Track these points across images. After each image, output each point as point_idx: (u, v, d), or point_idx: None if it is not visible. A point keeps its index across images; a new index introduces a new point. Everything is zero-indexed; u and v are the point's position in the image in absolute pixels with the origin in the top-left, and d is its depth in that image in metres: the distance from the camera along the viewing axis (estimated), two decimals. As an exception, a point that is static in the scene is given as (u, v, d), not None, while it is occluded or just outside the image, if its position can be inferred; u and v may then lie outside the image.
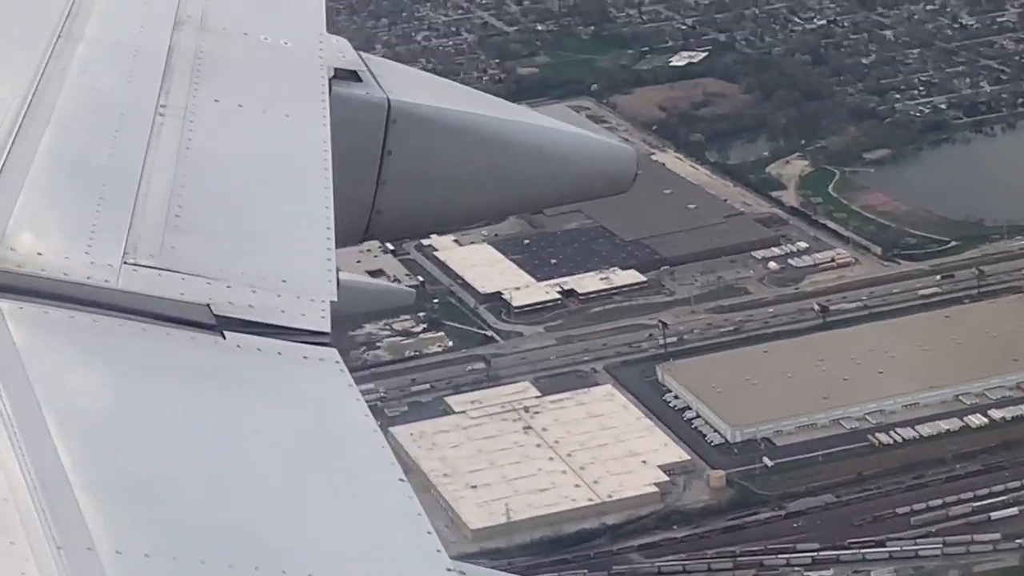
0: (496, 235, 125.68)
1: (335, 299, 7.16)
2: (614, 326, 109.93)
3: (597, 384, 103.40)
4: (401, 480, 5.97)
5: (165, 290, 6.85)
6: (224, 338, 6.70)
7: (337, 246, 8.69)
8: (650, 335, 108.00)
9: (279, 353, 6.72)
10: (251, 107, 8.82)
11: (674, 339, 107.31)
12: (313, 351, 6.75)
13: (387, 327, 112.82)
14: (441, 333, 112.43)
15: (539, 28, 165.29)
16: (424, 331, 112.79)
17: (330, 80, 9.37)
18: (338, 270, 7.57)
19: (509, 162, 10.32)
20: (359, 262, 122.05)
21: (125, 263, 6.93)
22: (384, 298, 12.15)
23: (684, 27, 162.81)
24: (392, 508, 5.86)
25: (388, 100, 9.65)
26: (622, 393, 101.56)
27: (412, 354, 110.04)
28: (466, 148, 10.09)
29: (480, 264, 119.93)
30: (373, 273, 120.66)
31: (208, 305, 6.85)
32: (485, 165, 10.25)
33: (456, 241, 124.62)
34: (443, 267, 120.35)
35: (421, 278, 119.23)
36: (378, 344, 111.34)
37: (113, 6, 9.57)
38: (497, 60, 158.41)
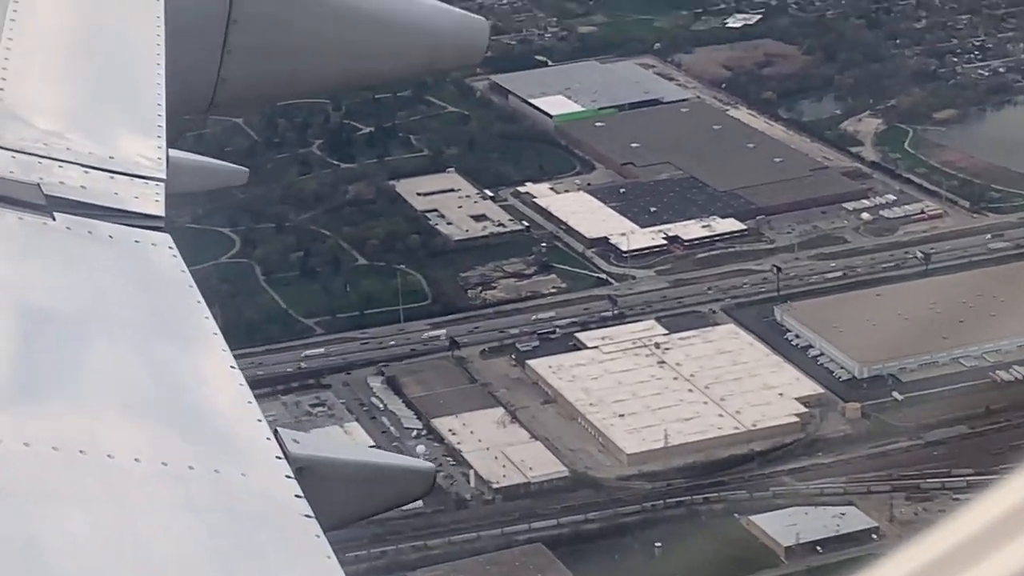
0: (589, 184, 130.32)
1: (164, 177, 7.03)
2: (723, 270, 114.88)
3: (718, 324, 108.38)
4: (232, 368, 6.06)
5: None
6: (54, 219, 6.52)
7: (183, 114, 8.92)
8: (762, 279, 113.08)
9: (110, 236, 6.53)
10: None
11: (784, 283, 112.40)
12: (146, 235, 6.62)
13: (499, 269, 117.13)
14: (553, 275, 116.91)
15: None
16: (535, 274, 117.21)
17: None
18: (168, 148, 7.44)
19: (357, 31, 10.25)
20: (460, 207, 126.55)
21: None
22: (216, 176, 11.57)
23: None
24: (222, 386, 5.97)
25: None
26: (745, 332, 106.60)
27: (528, 295, 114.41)
28: (313, 17, 10.05)
29: (581, 211, 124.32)
30: (476, 218, 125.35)
31: (38, 184, 6.67)
32: (332, 34, 10.19)
33: (552, 189, 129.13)
34: (545, 213, 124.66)
35: (526, 223, 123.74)
36: (494, 285, 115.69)
37: None
38: (555, 18, 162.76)
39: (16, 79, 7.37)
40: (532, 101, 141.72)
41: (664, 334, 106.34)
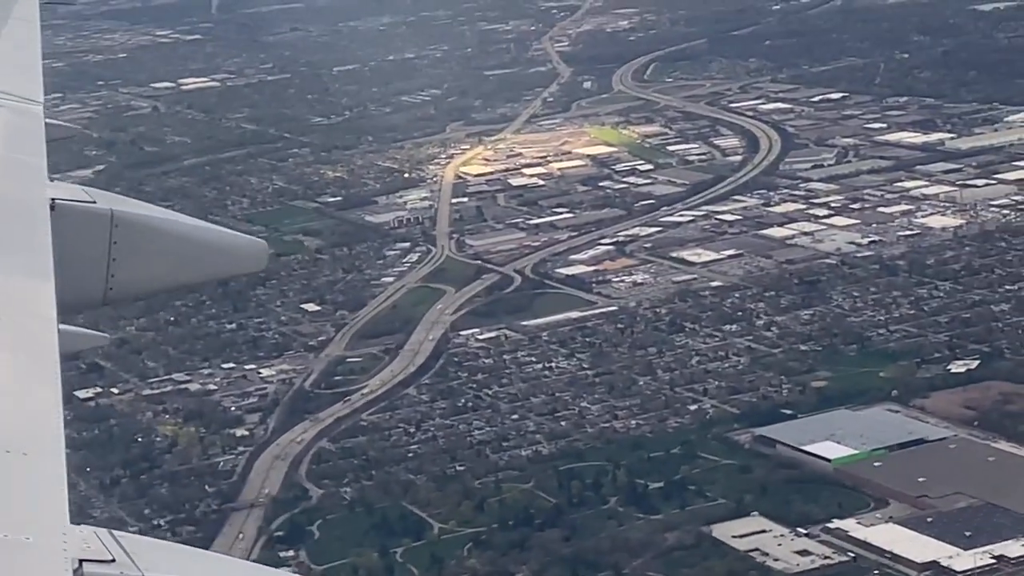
0: (891, 517, 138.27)
1: None
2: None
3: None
4: None
5: None
6: None
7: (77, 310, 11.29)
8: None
9: None
10: None
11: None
12: None
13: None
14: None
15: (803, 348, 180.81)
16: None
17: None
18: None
19: (180, 251, 12.96)
20: (780, 545, 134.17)
21: None
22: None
23: (941, 341, 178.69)
24: None
25: None
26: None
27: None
28: (156, 241, 12.60)
29: (899, 540, 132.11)
30: (801, 553, 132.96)
31: None
32: (166, 252, 12.82)
33: (860, 523, 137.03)
34: (864, 545, 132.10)
35: (851, 554, 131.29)
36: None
37: None
38: (783, 376, 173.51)
39: None
40: (804, 448, 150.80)
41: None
